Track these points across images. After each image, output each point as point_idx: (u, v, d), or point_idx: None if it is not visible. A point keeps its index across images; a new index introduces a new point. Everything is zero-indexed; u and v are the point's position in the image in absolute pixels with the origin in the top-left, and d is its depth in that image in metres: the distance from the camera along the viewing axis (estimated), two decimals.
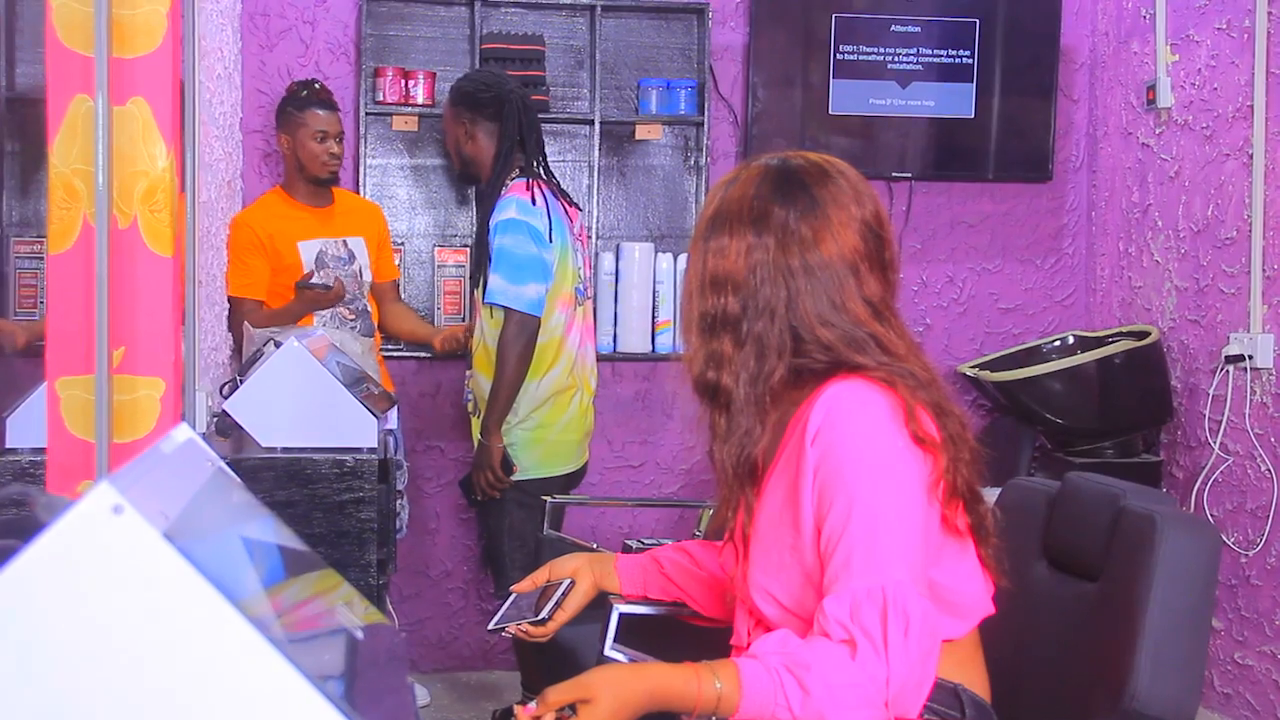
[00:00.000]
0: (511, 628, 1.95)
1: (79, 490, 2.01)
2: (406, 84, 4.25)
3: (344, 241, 3.93)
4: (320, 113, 3.81)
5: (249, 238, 3.81)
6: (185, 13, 2.57)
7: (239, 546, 1.17)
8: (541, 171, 3.59)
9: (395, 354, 4.25)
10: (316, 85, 3.90)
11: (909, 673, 1.48)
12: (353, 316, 3.87)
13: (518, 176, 3.53)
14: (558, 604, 1.95)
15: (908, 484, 1.59)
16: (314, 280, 3.77)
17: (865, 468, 1.58)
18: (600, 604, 2.00)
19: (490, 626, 1.99)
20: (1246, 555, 3.73)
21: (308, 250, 3.85)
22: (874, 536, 1.54)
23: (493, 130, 3.57)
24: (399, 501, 4.01)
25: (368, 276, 3.97)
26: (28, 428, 2.30)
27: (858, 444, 1.59)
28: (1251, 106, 3.74)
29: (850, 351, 1.65)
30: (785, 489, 1.66)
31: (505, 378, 3.43)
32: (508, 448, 3.51)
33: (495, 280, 3.43)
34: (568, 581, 1.99)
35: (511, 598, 2.03)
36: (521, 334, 3.42)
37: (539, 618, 1.93)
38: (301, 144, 3.82)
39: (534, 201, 3.47)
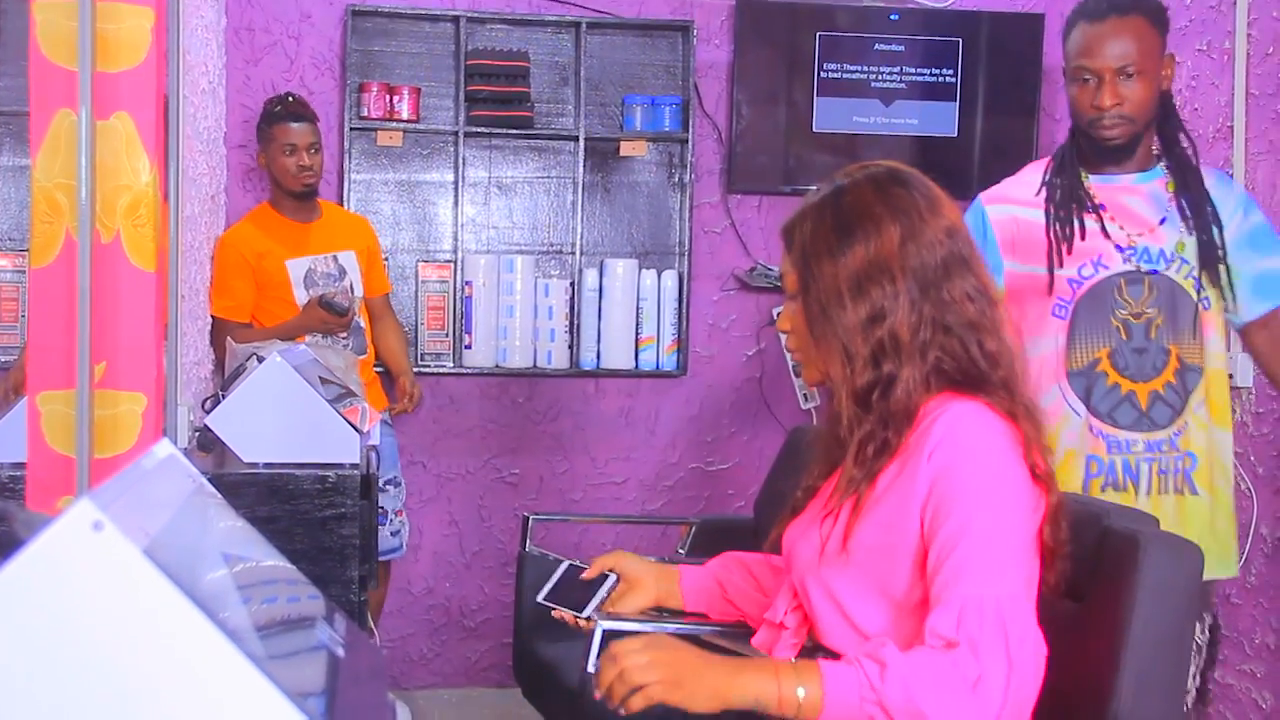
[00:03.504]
0: (563, 614, 1.98)
1: (59, 506, 2.00)
2: (391, 99, 4.25)
3: (333, 257, 3.92)
4: (291, 125, 3.80)
5: (235, 259, 3.80)
6: (170, 27, 2.57)
7: (220, 563, 1.16)
8: None
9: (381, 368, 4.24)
10: (290, 99, 3.90)
11: (1006, 680, 1.46)
12: (345, 335, 3.87)
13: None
14: (600, 604, 1.97)
15: (1023, 509, 1.58)
16: (336, 299, 3.72)
17: (984, 488, 1.56)
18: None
19: (539, 599, 2.02)
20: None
21: (296, 269, 3.84)
22: (988, 552, 1.52)
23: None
24: (399, 519, 4.00)
25: (359, 292, 3.96)
26: (8, 442, 2.28)
27: (977, 464, 1.57)
28: (1231, 127, 3.76)
29: (990, 368, 1.64)
30: (894, 503, 1.62)
31: None
32: None
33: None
34: (612, 579, 2.00)
35: (564, 566, 2.06)
36: None
37: (583, 614, 1.96)
38: (273, 158, 3.83)
39: None
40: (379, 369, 4.10)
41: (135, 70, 2.05)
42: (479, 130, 4.30)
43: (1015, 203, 2.64)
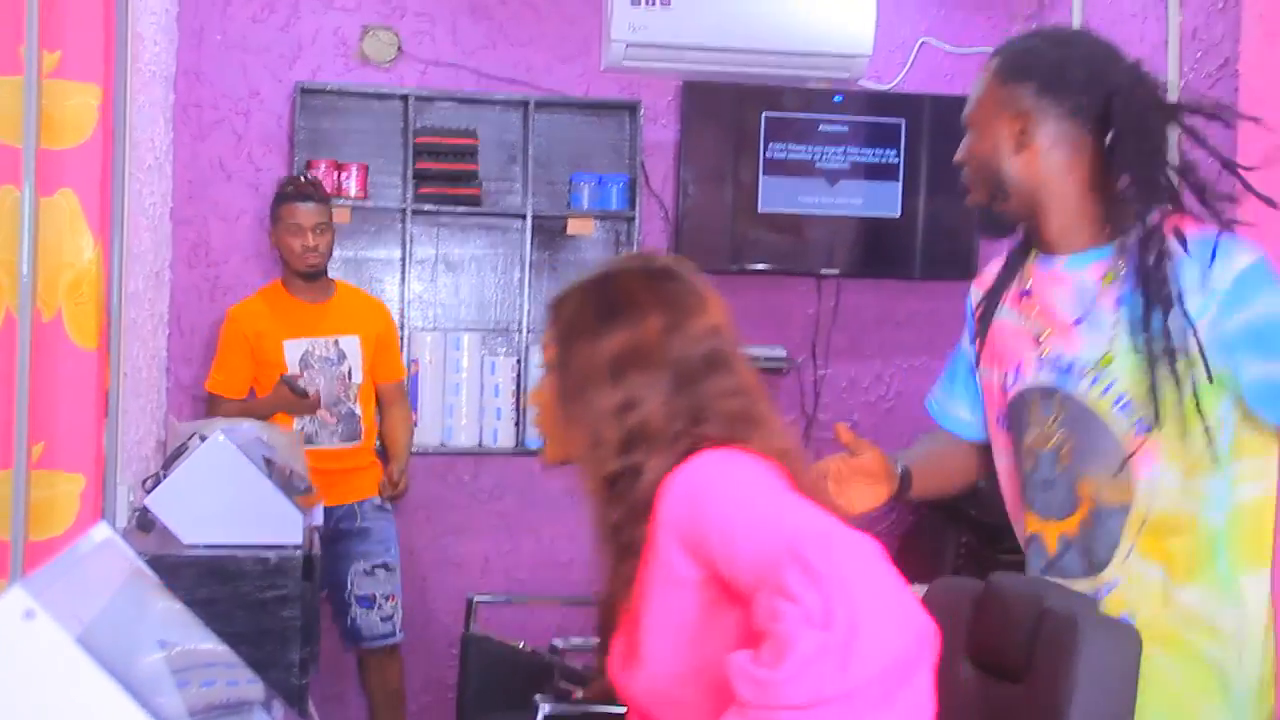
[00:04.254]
0: None
1: None
2: (339, 176, 4.26)
3: (335, 341, 3.90)
4: (298, 206, 3.82)
5: (235, 335, 3.87)
6: (117, 104, 2.57)
7: (156, 649, 1.14)
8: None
9: None
10: (302, 179, 3.95)
11: (849, 607, 1.30)
12: (334, 420, 3.85)
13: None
14: None
15: (783, 493, 1.50)
16: (299, 382, 3.74)
17: (727, 490, 1.49)
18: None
19: None
20: None
21: (293, 349, 3.84)
22: (762, 525, 1.42)
23: (1075, 138, 2.01)
24: (390, 604, 3.94)
25: (357, 378, 3.93)
26: None
27: (715, 480, 1.51)
28: None
29: (745, 427, 1.58)
30: (659, 582, 1.55)
31: None
32: None
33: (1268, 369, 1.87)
34: None
35: None
36: None
37: None
38: (280, 237, 3.85)
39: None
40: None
41: (81, 148, 2.06)
42: (427, 208, 4.32)
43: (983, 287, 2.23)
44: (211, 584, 2.60)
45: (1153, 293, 1.90)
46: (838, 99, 4.55)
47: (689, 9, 4.33)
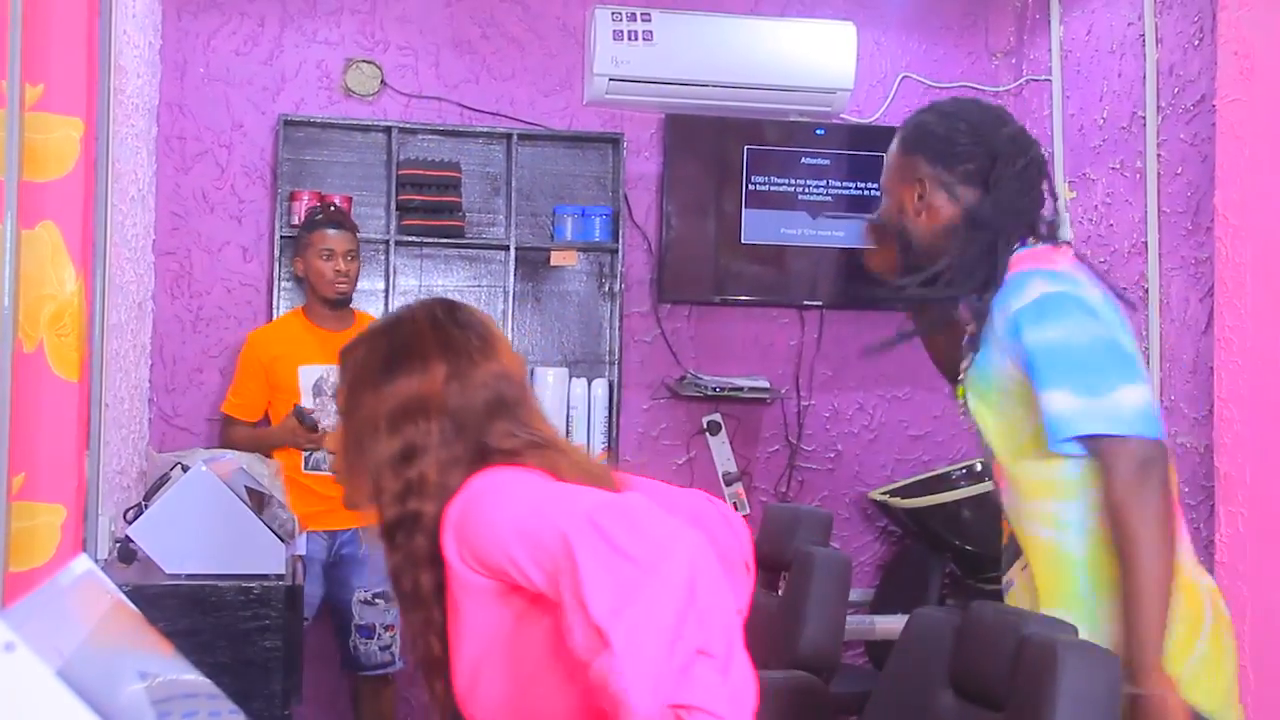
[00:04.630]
0: None
1: None
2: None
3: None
4: (329, 232, 3.86)
5: (251, 359, 3.92)
6: (100, 137, 2.57)
7: (136, 681, 1.14)
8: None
9: None
10: (332, 207, 4.00)
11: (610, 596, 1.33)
12: (316, 449, 3.85)
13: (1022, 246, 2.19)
14: None
15: (536, 479, 1.53)
16: (312, 415, 3.73)
17: (495, 496, 1.51)
18: None
19: None
20: None
21: (307, 375, 3.84)
22: (532, 519, 1.45)
23: (967, 200, 2.22)
24: (389, 634, 3.93)
25: None
26: None
27: (483, 490, 1.53)
28: (1145, 243, 3.87)
29: (534, 453, 1.60)
30: (467, 613, 1.56)
31: (1145, 563, 1.91)
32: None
33: (1060, 400, 1.99)
34: None
35: None
36: (1145, 474, 1.94)
37: None
38: (310, 263, 3.87)
39: (1063, 263, 2.16)
40: None
41: (63, 180, 2.06)
42: (410, 239, 4.32)
43: None
44: (193, 614, 2.59)
45: (979, 331, 2.16)
46: (820, 132, 4.58)
47: (671, 44, 4.37)
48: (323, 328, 3.89)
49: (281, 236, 4.23)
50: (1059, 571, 2.07)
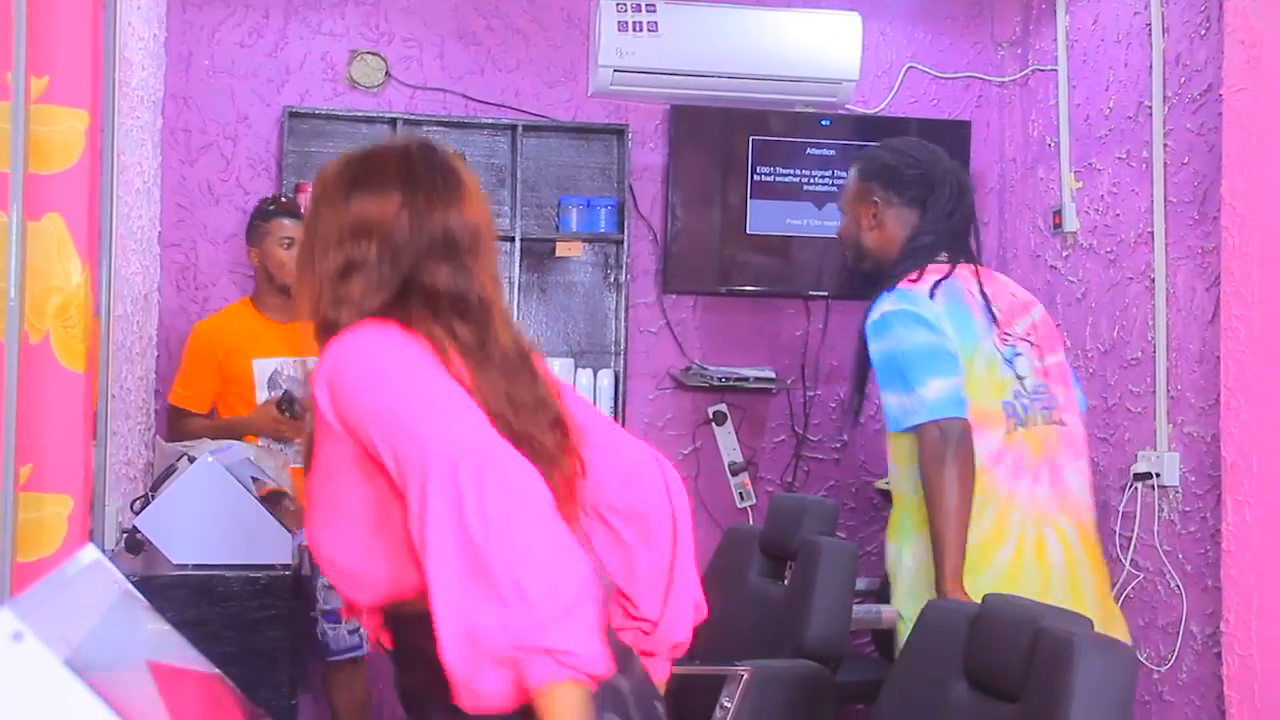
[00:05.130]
0: None
1: None
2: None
3: (304, 361, 3.85)
4: (286, 221, 3.78)
5: (204, 348, 3.78)
6: (105, 129, 2.57)
7: (144, 671, 1.14)
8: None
9: None
10: (284, 198, 3.92)
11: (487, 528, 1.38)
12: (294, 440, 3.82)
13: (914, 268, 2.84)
14: None
15: (420, 369, 1.56)
16: (297, 404, 3.60)
17: (372, 371, 1.55)
18: None
19: None
20: (1159, 671, 3.77)
21: (262, 368, 3.78)
22: (410, 419, 1.48)
23: (909, 219, 2.89)
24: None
25: None
26: None
27: (362, 355, 1.58)
28: (1152, 233, 3.86)
29: (449, 316, 1.63)
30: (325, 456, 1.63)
31: (942, 511, 2.60)
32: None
33: (890, 400, 2.73)
34: None
35: None
36: (945, 445, 2.62)
37: None
38: (268, 252, 3.78)
39: (920, 283, 2.78)
40: None
41: (68, 172, 2.06)
42: None
43: None
44: (201, 604, 2.59)
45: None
46: (825, 123, 4.57)
47: (676, 34, 4.36)
48: (273, 319, 3.83)
49: None
50: (897, 511, 2.86)
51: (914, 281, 2.76)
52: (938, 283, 2.75)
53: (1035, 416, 2.77)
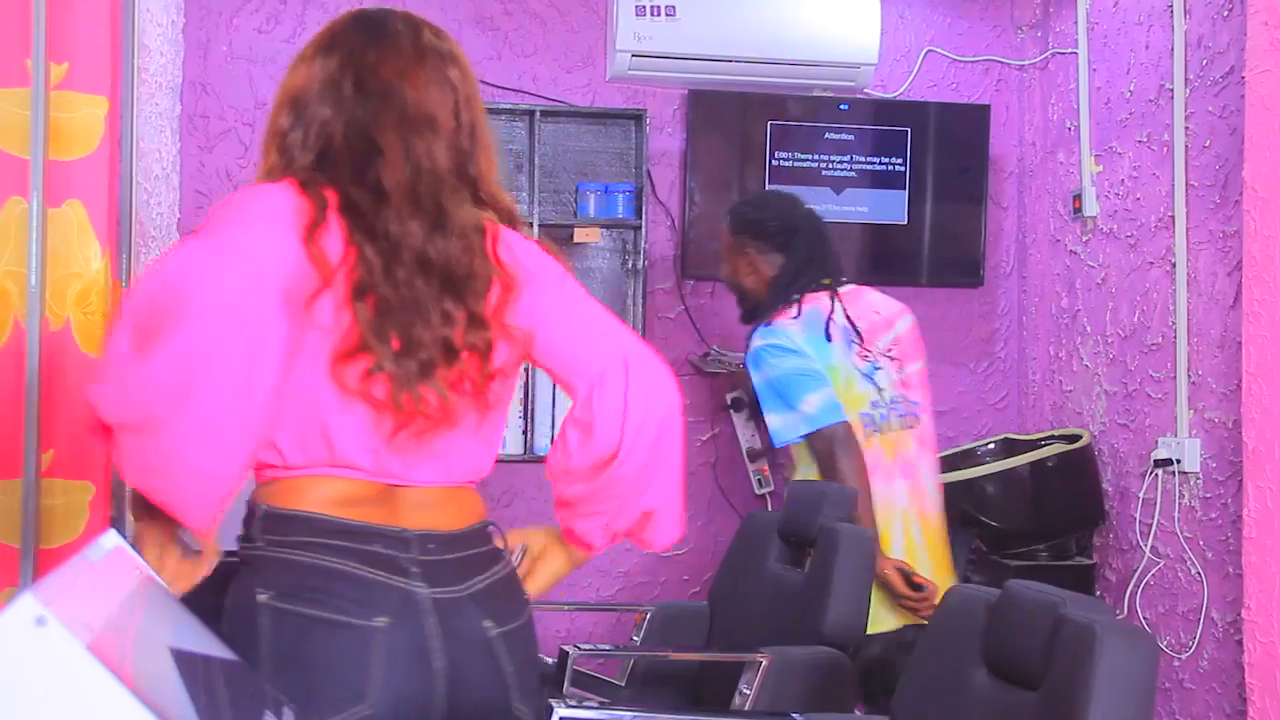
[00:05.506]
0: None
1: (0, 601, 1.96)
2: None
3: None
4: None
5: None
6: (124, 115, 2.58)
7: (166, 657, 1.15)
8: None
9: None
10: None
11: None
12: None
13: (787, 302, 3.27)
14: None
15: (239, 217, 1.54)
16: None
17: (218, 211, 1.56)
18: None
19: None
20: (1179, 659, 3.76)
21: None
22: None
23: (779, 262, 3.32)
24: None
25: None
26: None
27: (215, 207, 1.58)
28: (1173, 217, 3.84)
29: (351, 181, 1.61)
30: None
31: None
32: None
33: (773, 420, 3.17)
34: (519, 548, 1.86)
35: None
36: (838, 447, 3.10)
37: None
38: None
39: (783, 315, 3.22)
40: None
41: (88, 159, 2.06)
42: None
43: None
44: (220, 591, 2.59)
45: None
46: (843, 107, 4.55)
47: (694, 19, 4.35)
48: None
49: None
50: None
51: (780, 315, 3.20)
52: (798, 314, 3.20)
53: (892, 423, 3.22)
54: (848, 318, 3.24)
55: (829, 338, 3.18)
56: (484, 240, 1.67)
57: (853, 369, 3.19)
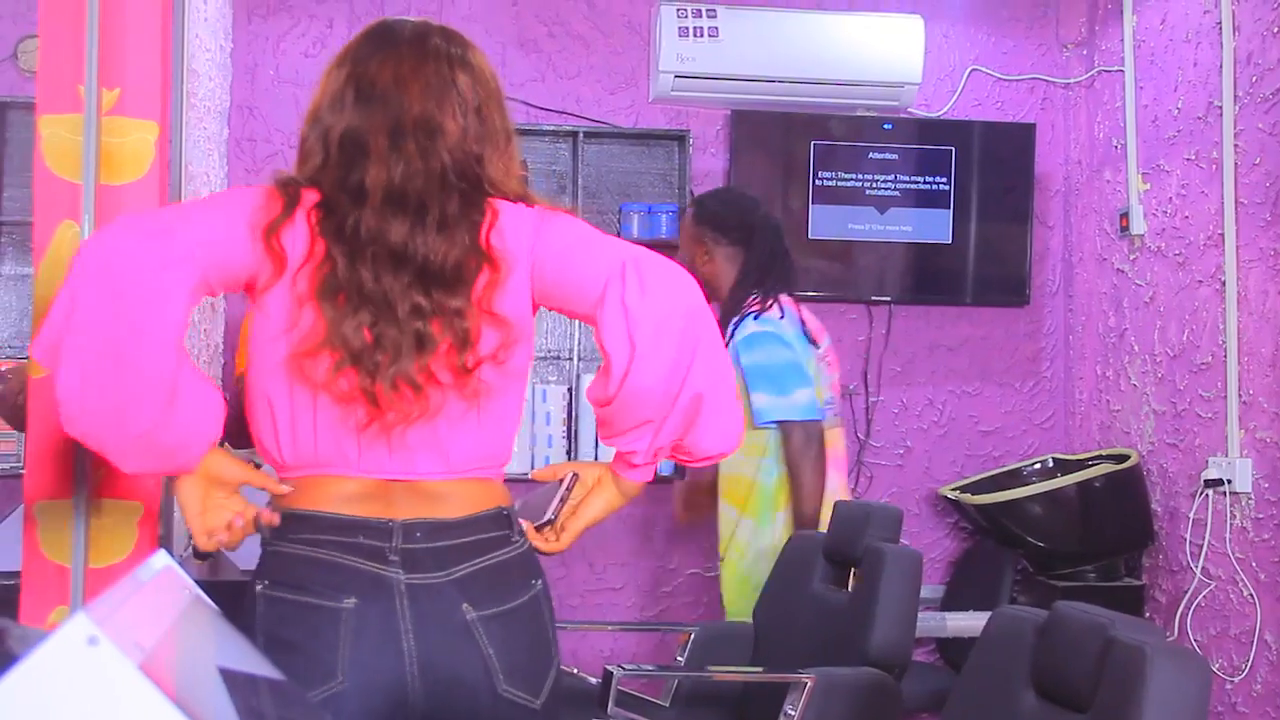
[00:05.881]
0: (524, 525, 1.81)
1: (52, 619, 1.98)
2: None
3: None
4: None
5: None
6: (173, 140, 2.61)
7: (215, 678, 1.15)
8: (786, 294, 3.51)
9: None
10: None
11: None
12: None
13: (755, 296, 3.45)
14: (562, 501, 1.83)
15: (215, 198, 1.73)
16: None
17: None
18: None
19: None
20: (1232, 682, 3.71)
21: None
22: None
23: (735, 256, 3.48)
24: None
25: None
26: (3, 551, 2.27)
27: None
28: (1222, 235, 3.80)
29: (311, 168, 1.71)
30: None
31: (806, 491, 3.31)
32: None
33: (760, 399, 3.30)
34: (570, 475, 1.86)
35: (519, 503, 1.88)
36: (810, 442, 3.30)
37: (545, 519, 1.82)
38: None
39: (772, 310, 3.39)
40: None
41: (138, 183, 2.08)
42: None
43: None
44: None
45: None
46: (887, 126, 4.55)
47: (737, 40, 4.35)
48: None
49: None
50: (753, 495, 3.39)
51: (767, 310, 3.36)
52: (783, 312, 3.39)
53: (830, 421, 3.44)
54: (803, 320, 3.45)
55: (808, 340, 3.41)
56: (478, 230, 1.69)
57: (817, 370, 3.41)
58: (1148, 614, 4.13)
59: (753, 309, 3.39)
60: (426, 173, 1.68)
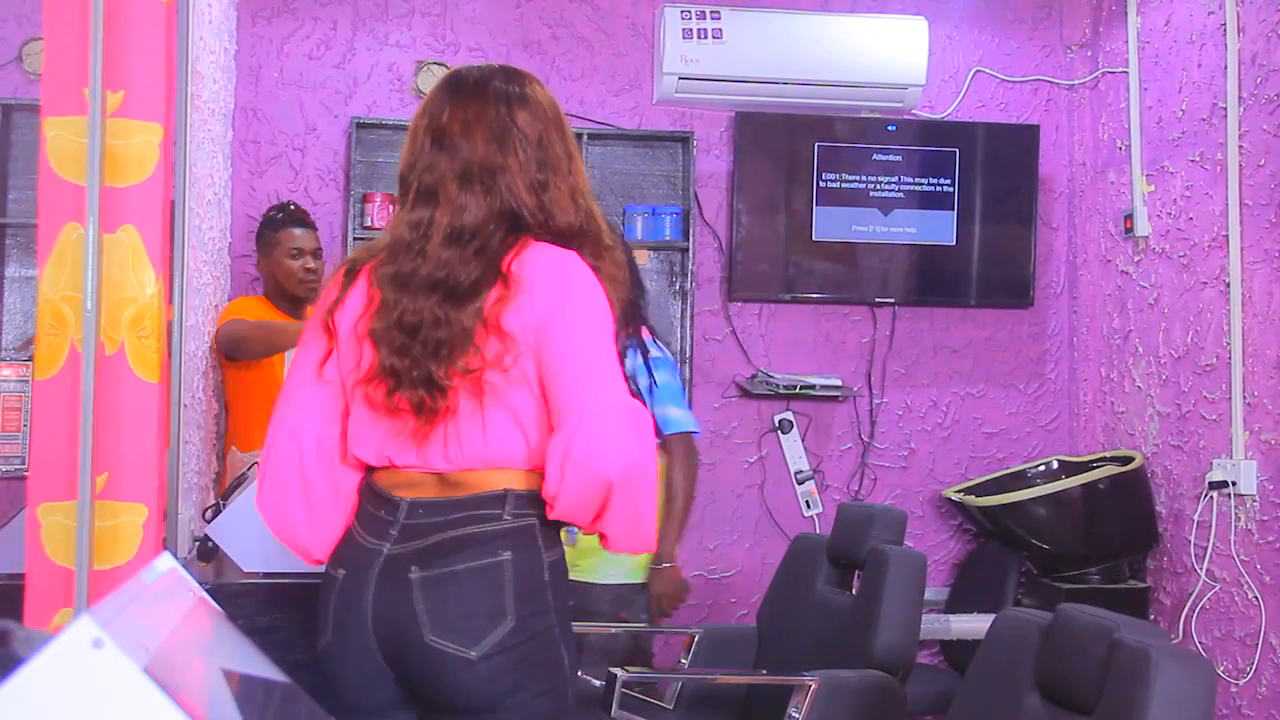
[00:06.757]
0: None
1: (56, 622, 1.98)
2: (395, 209, 4.28)
3: None
4: (295, 231, 3.80)
5: (240, 308, 3.77)
6: (177, 142, 2.61)
7: (220, 680, 1.15)
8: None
9: None
10: (291, 206, 3.90)
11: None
12: None
13: None
14: None
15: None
16: None
17: None
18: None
19: None
20: (1237, 684, 3.70)
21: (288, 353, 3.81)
22: None
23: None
24: None
25: None
26: (7, 553, 2.27)
27: None
28: (1227, 236, 3.80)
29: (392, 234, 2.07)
30: None
31: (690, 501, 3.52)
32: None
33: (673, 411, 3.47)
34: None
35: None
36: (695, 454, 3.54)
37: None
38: (278, 262, 3.79)
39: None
40: None
41: (143, 185, 2.08)
42: None
43: None
44: (272, 612, 2.61)
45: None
46: (891, 128, 4.54)
47: (741, 42, 4.35)
48: (288, 315, 3.80)
49: (355, 238, 4.27)
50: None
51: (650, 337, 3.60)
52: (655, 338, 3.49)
53: None
54: None
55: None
56: (503, 256, 1.88)
57: None
58: (1152, 616, 4.12)
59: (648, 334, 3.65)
60: (488, 209, 1.92)
